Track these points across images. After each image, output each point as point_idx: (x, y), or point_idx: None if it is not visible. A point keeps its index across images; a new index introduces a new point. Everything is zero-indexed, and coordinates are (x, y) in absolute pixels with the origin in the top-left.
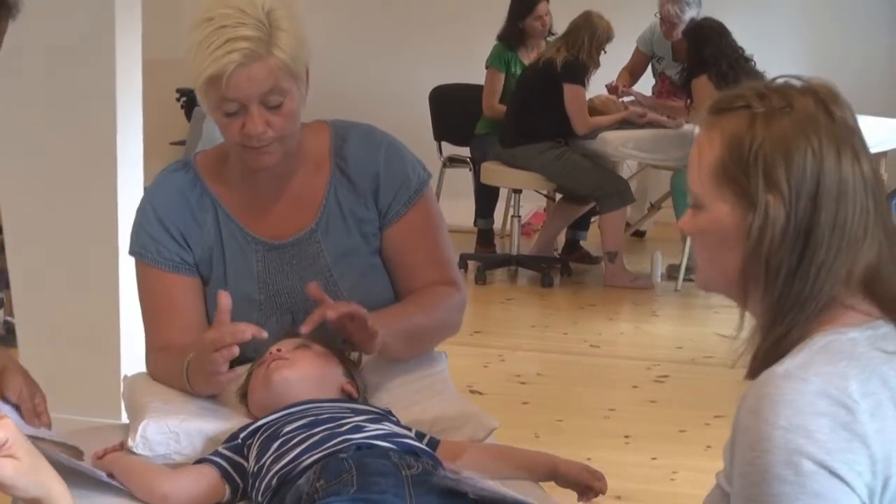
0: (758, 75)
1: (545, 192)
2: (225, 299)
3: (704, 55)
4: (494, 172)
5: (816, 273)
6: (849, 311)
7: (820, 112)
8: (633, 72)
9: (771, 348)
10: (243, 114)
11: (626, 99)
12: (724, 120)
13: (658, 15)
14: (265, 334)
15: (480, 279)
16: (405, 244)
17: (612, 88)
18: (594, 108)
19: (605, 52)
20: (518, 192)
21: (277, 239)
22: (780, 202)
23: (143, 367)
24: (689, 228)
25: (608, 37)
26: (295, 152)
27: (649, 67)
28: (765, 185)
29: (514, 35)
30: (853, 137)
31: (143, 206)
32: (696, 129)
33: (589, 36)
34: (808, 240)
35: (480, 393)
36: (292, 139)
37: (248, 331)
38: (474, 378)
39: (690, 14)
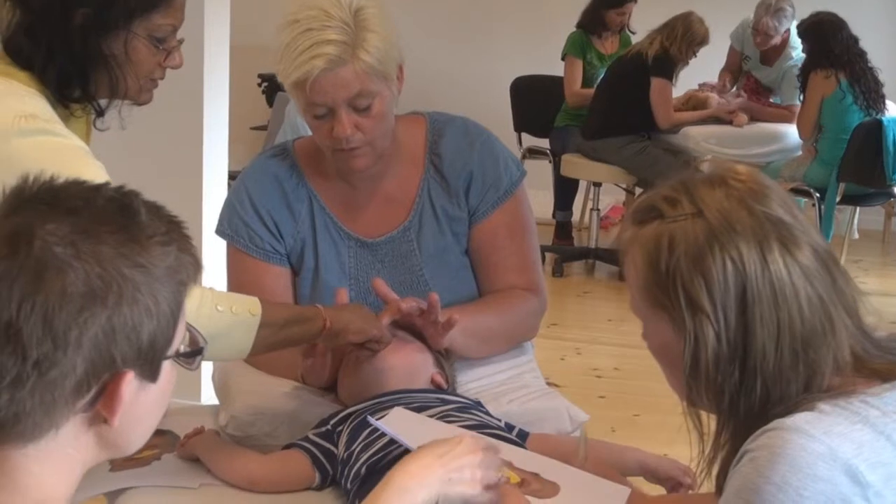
0: (876, 78)
1: (625, 185)
2: (343, 297)
3: (835, 52)
4: (574, 165)
5: (764, 386)
6: (851, 383)
7: (735, 209)
8: (731, 70)
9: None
10: (331, 117)
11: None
12: (642, 234)
13: (752, 22)
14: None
15: (558, 271)
16: (489, 244)
17: (716, 88)
18: (700, 104)
19: (696, 56)
20: (598, 185)
21: (370, 236)
22: (707, 323)
23: None
24: (649, 347)
25: (702, 40)
26: (389, 151)
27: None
28: (688, 309)
29: (594, 21)
30: (780, 228)
31: (237, 189)
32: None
33: (683, 30)
34: (747, 354)
35: (557, 385)
36: (384, 140)
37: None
38: (551, 371)
39: (786, 26)
